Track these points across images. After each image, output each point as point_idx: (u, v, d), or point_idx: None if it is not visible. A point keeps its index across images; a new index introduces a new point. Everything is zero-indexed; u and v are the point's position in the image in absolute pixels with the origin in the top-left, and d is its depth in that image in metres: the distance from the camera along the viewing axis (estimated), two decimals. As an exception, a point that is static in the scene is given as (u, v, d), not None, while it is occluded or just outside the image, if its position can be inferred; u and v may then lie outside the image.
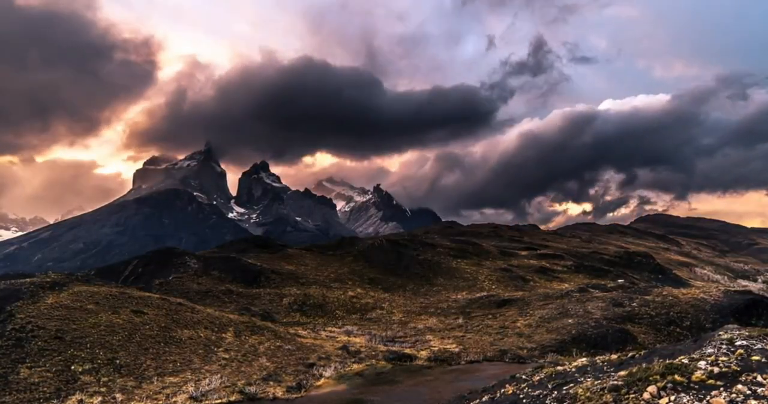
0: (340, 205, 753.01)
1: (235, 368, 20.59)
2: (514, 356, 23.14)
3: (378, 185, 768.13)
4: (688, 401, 6.61)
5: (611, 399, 7.09)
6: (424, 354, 23.53)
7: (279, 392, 17.57)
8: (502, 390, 10.19)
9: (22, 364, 18.01)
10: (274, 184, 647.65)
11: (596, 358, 11.48)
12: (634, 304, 32.78)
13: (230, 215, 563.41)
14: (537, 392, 8.82)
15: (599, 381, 8.01)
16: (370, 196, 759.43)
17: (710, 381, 6.94)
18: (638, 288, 40.79)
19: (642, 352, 10.38)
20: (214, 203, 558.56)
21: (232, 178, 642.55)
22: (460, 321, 34.13)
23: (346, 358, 22.57)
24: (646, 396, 6.87)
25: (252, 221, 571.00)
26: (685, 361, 7.76)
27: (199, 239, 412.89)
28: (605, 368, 9.42)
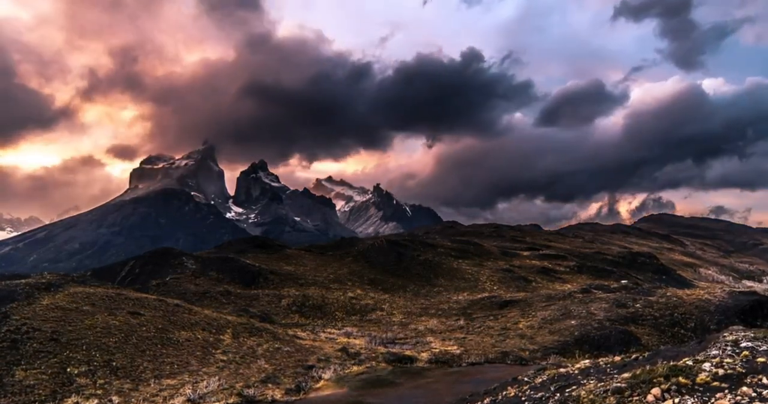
0: (339, 205, 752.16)
1: (233, 370, 20.41)
2: (516, 358, 22.96)
3: (378, 184, 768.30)
4: (692, 403, 6.47)
5: (614, 402, 6.97)
6: (424, 355, 23.36)
7: (278, 394, 17.43)
8: (504, 393, 10.06)
9: (17, 366, 17.86)
10: (273, 183, 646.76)
11: (599, 360, 11.36)
12: (638, 305, 32.59)
13: (228, 215, 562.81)
14: (539, 394, 8.68)
15: (602, 384, 7.89)
16: (370, 196, 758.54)
17: (715, 383, 6.84)
18: (642, 289, 40.53)
19: (645, 354, 10.27)
20: (212, 202, 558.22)
21: (232, 176, 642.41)
22: (461, 322, 33.92)
23: (345, 360, 22.42)
24: (649, 398, 6.74)
25: (250, 221, 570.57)
26: (690, 363, 7.63)
27: (197, 240, 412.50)
28: (608, 370, 9.30)
